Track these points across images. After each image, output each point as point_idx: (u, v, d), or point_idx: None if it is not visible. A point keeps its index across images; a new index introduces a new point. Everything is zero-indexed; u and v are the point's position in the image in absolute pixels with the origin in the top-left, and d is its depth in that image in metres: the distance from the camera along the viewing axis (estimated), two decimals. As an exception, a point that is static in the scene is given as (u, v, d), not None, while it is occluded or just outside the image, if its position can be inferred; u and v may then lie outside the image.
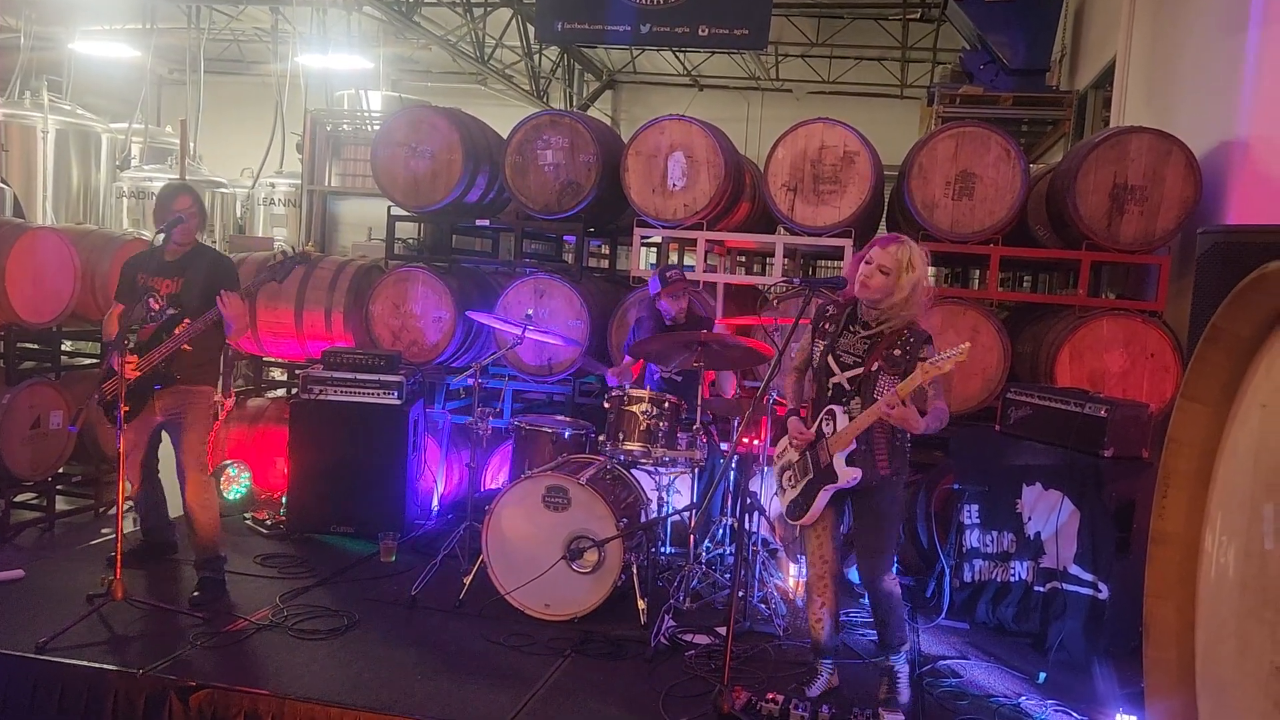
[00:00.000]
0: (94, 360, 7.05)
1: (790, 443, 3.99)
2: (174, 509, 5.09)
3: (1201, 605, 1.48)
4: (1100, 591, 4.52)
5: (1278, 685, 1.20)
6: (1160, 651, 1.51)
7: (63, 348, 6.59)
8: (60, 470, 6.08)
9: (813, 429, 3.87)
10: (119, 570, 4.27)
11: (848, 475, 3.77)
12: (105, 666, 3.89)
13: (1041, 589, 4.75)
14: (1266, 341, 1.35)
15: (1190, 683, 1.51)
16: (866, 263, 3.74)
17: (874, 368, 3.73)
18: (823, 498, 3.85)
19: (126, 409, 4.57)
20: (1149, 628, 1.55)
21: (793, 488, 3.96)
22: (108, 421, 4.74)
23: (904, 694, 3.92)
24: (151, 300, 4.65)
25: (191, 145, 11.43)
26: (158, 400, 4.68)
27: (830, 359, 3.85)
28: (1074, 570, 4.61)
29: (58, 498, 6.11)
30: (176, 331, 4.57)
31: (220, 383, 4.99)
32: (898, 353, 3.71)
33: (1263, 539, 1.28)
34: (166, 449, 4.93)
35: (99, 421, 5.95)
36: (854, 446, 3.76)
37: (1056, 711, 4.02)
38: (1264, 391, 1.35)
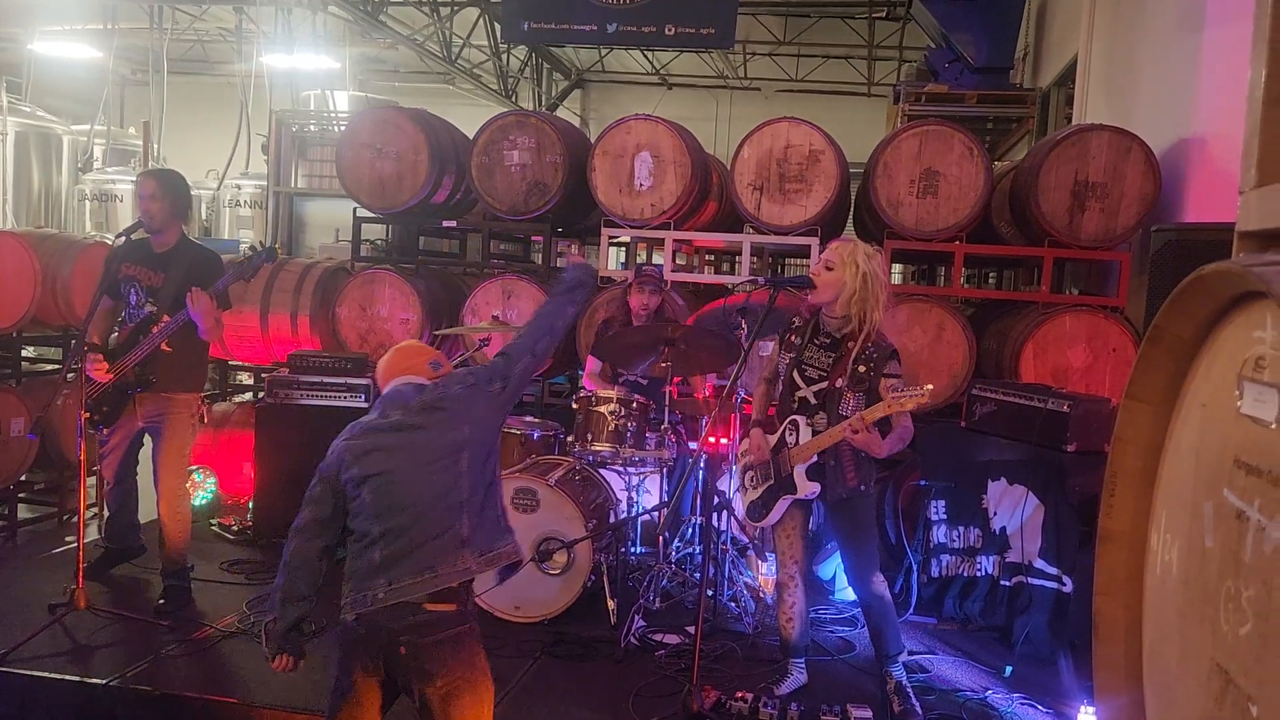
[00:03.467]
0: (55, 366, 6.95)
1: (751, 456, 3.99)
2: (146, 513, 5.02)
3: (1148, 602, 1.51)
4: (1065, 585, 4.57)
5: (1218, 682, 1.23)
6: (1108, 648, 1.53)
7: (23, 353, 6.50)
8: (22, 478, 6.00)
9: (776, 435, 3.89)
10: (81, 579, 4.21)
11: (807, 488, 3.79)
12: (67, 677, 3.84)
13: (1007, 583, 4.80)
14: (1206, 342, 1.38)
15: (1138, 679, 1.54)
16: (815, 263, 3.80)
17: (839, 384, 3.74)
18: (781, 505, 3.87)
19: (106, 410, 4.53)
20: (1097, 625, 1.58)
21: (754, 489, 3.97)
22: (90, 428, 4.59)
23: (919, 710, 3.84)
24: (132, 291, 4.58)
25: (155, 147, 11.32)
26: (139, 405, 4.61)
27: (795, 373, 3.86)
28: (1039, 564, 4.66)
29: (20, 506, 6.02)
30: (153, 331, 4.49)
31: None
32: (862, 369, 3.72)
33: (1203, 537, 1.31)
34: (145, 450, 4.87)
35: (61, 428, 5.88)
36: (814, 460, 3.78)
37: (1023, 704, 4.06)
38: (1204, 391, 1.37)
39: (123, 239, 4.67)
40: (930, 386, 3.51)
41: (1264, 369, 1.20)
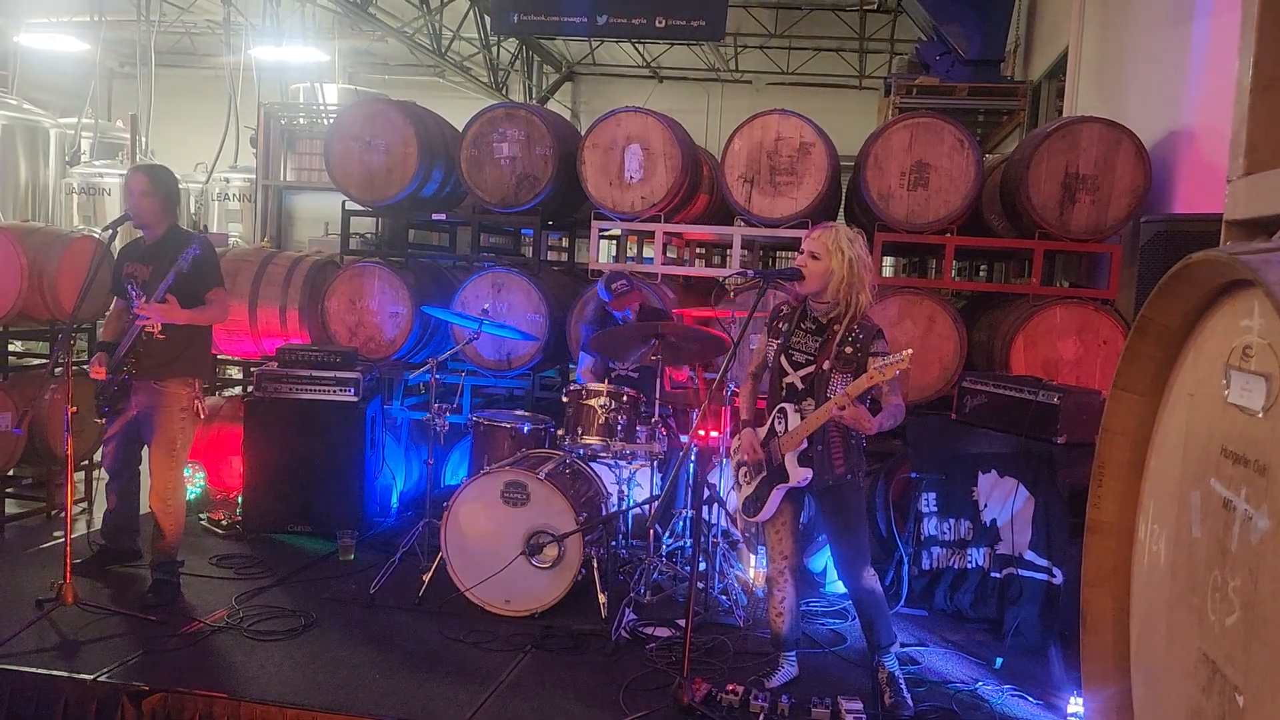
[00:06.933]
0: (42, 360, 6.92)
1: (743, 456, 3.97)
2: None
3: (1135, 593, 1.51)
4: (1055, 577, 4.58)
5: (1205, 671, 1.22)
6: (1097, 638, 1.53)
7: (10, 348, 6.46)
8: (10, 473, 5.96)
9: (766, 426, 3.88)
10: (68, 574, 4.19)
11: (799, 475, 3.78)
12: (55, 673, 3.81)
13: (998, 575, 4.80)
14: (1193, 332, 1.37)
15: (1126, 669, 1.53)
16: (799, 253, 3.78)
17: (825, 366, 3.72)
18: (776, 496, 3.86)
19: (110, 397, 4.55)
20: (1086, 615, 1.58)
21: (748, 484, 3.96)
22: (98, 417, 4.70)
23: (909, 702, 3.84)
24: (130, 287, 4.60)
25: (143, 140, 11.22)
26: (134, 394, 4.62)
27: (783, 358, 3.85)
28: (1029, 556, 4.67)
29: (7, 501, 5.98)
30: (135, 322, 4.49)
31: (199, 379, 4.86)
32: (849, 349, 3.71)
33: (1190, 527, 1.30)
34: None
35: (49, 423, 5.85)
36: (805, 446, 3.76)
37: (1013, 696, 4.06)
38: (1191, 381, 1.37)
39: (109, 232, 4.64)
40: (910, 351, 3.50)
41: (1251, 357, 1.19)
